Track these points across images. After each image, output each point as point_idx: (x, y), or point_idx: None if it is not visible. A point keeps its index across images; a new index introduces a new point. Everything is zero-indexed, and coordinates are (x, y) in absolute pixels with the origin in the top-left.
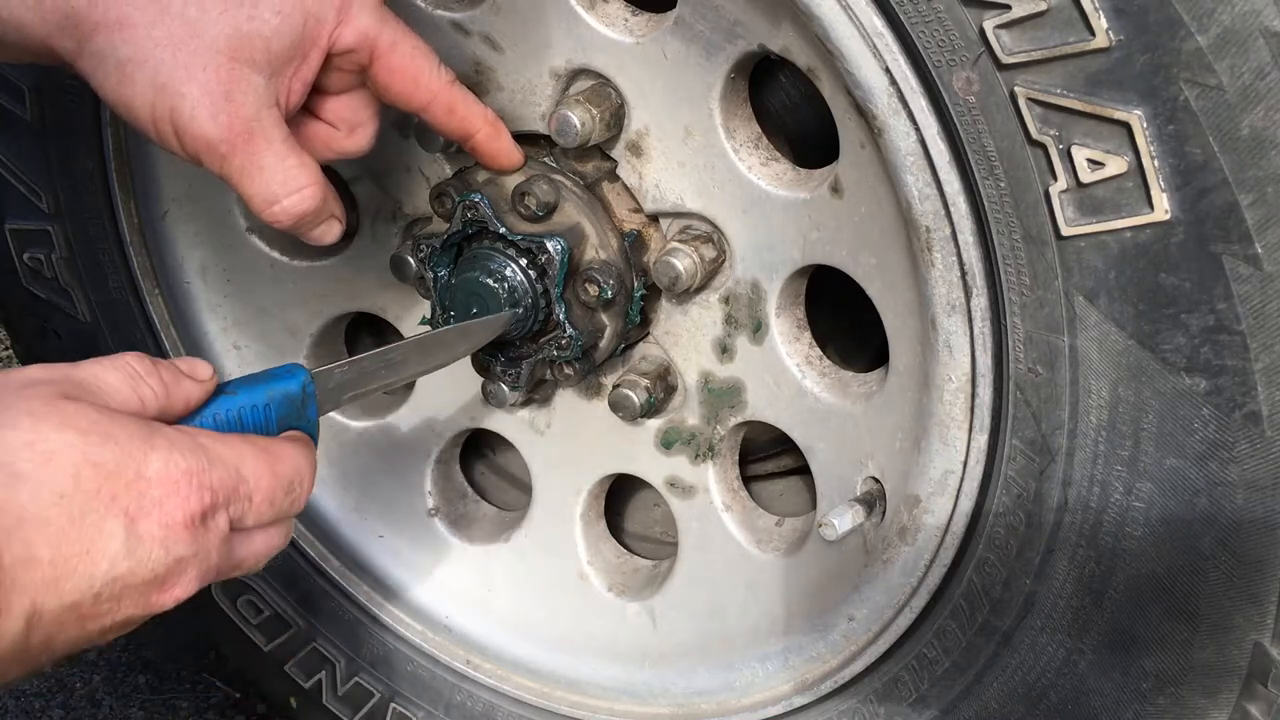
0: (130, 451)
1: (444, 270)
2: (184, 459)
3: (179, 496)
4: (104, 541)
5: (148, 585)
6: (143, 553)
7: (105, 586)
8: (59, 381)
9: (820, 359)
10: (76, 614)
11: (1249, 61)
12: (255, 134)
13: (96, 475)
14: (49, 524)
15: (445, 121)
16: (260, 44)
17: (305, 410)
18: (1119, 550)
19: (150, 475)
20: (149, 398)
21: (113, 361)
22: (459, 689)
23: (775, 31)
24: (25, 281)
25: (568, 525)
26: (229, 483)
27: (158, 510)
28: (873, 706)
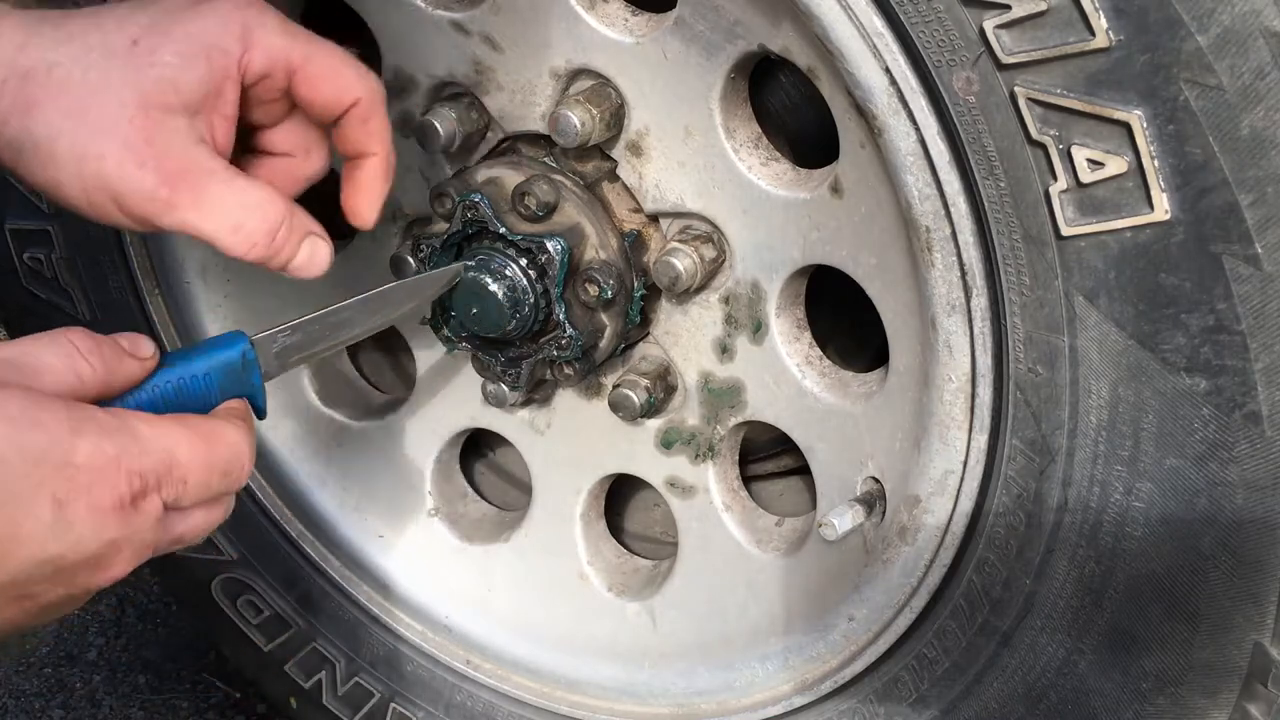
0: (58, 438)
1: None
2: (112, 445)
3: (107, 483)
4: (32, 525)
5: (78, 567)
6: (72, 536)
7: (36, 568)
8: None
9: (820, 359)
10: (7, 595)
11: (1249, 61)
12: (190, 169)
13: (24, 461)
14: None
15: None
16: (168, 88)
17: (249, 377)
18: (1119, 550)
19: (78, 462)
20: (87, 375)
21: (52, 338)
22: (459, 689)
23: (775, 31)
24: (25, 281)
25: (568, 525)
26: (160, 467)
27: (86, 495)
28: (873, 706)
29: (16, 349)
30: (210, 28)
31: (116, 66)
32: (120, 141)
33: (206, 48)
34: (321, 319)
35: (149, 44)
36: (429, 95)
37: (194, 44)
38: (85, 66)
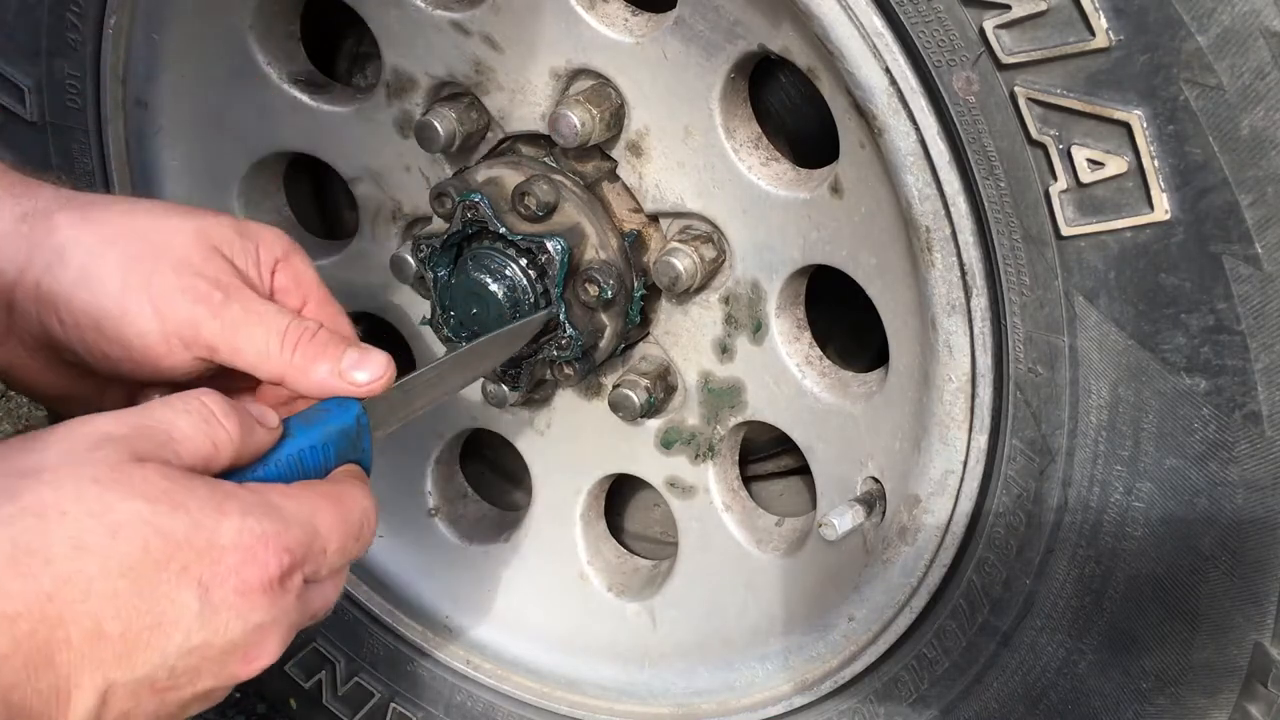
0: (201, 520)
1: (444, 270)
2: (258, 523)
3: (256, 563)
4: (176, 612)
5: (226, 655)
6: (218, 622)
7: (180, 659)
8: (129, 438)
9: (820, 359)
10: (151, 688)
11: (1249, 61)
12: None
13: (166, 545)
14: (117, 596)
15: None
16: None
17: (360, 442)
18: (1119, 550)
19: (224, 543)
20: (223, 442)
21: (185, 404)
22: (459, 689)
23: (775, 31)
24: None
25: (568, 525)
26: (305, 540)
27: (234, 578)
28: (873, 706)
29: (150, 416)
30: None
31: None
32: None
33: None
34: (419, 378)
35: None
36: (429, 95)
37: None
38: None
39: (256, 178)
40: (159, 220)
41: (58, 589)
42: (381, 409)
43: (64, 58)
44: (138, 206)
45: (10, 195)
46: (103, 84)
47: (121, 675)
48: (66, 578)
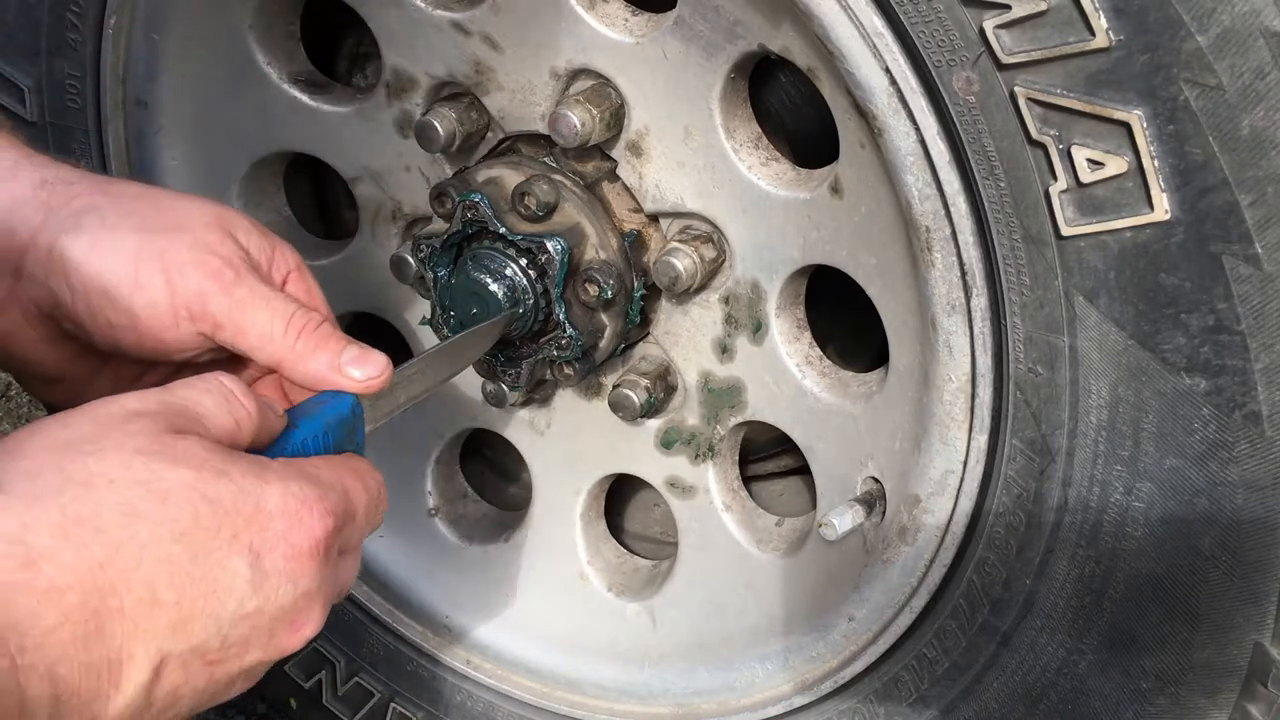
0: (246, 487)
1: (444, 270)
2: (301, 489)
3: (302, 527)
4: (229, 579)
5: (275, 623)
6: (270, 588)
7: (233, 627)
8: (161, 413)
9: (820, 359)
10: (203, 659)
11: (1249, 61)
12: (220, 289)
13: (216, 512)
14: (171, 562)
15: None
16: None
17: (355, 434)
18: (1119, 550)
19: (271, 509)
20: (245, 421)
21: (205, 384)
22: (459, 689)
23: (775, 31)
24: None
25: (568, 525)
26: (342, 505)
27: (283, 543)
28: (873, 706)
29: (174, 394)
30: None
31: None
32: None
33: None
34: (406, 373)
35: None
36: (429, 95)
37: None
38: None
39: (256, 178)
40: (178, 200)
41: (110, 556)
42: (374, 404)
43: (64, 58)
44: (158, 188)
45: (31, 163)
46: (103, 84)
47: (175, 645)
48: (119, 544)
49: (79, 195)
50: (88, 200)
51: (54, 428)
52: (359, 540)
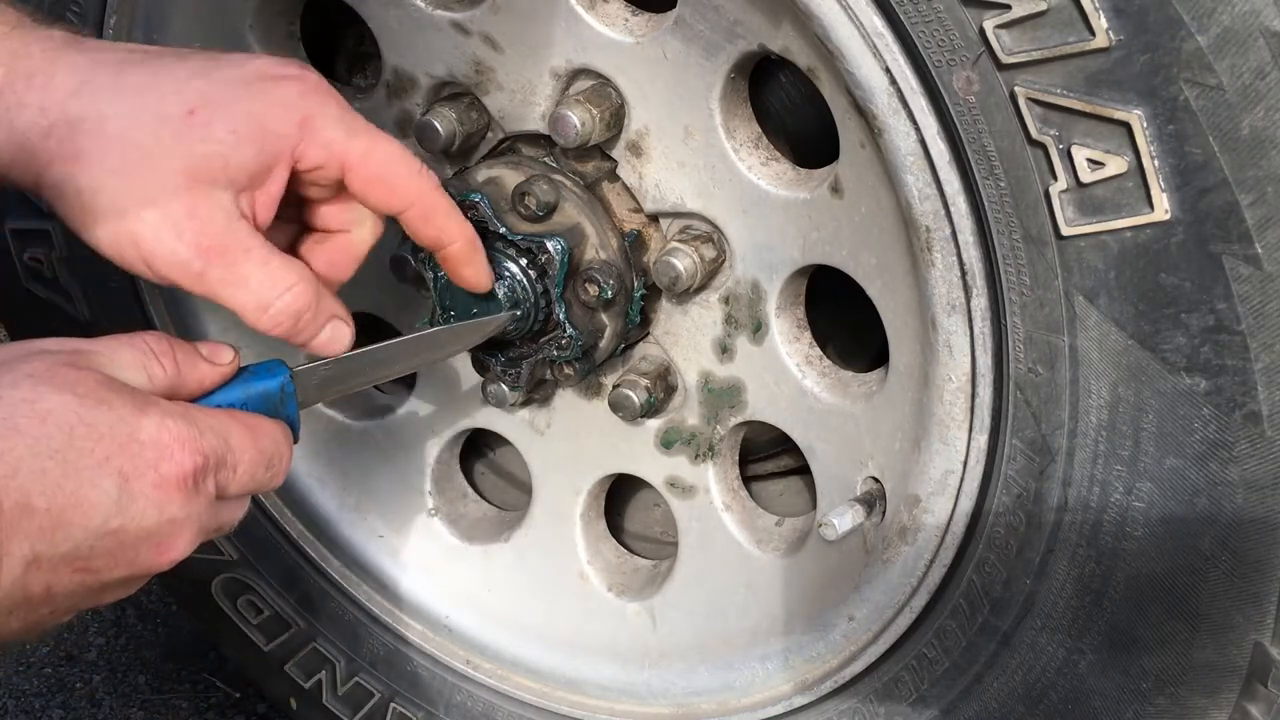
0: (124, 415)
1: (443, 270)
2: (176, 425)
3: (172, 460)
4: (97, 496)
5: (140, 543)
6: (135, 510)
7: (99, 540)
8: (66, 352)
9: (820, 359)
10: (71, 565)
11: (1249, 61)
12: (229, 246)
13: (90, 435)
14: (45, 475)
15: (420, 230)
16: (218, 163)
17: (284, 408)
18: (1119, 550)
19: (144, 438)
20: (158, 375)
21: (130, 339)
22: (459, 689)
23: (775, 31)
24: (25, 281)
25: (568, 525)
26: (218, 450)
27: (151, 471)
28: (873, 706)
29: (93, 344)
30: (270, 111)
31: (168, 133)
32: (161, 211)
33: (262, 131)
34: (364, 356)
35: (205, 116)
36: (429, 95)
37: (251, 125)
38: (137, 127)
39: None
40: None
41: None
42: (313, 379)
43: None
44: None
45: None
46: None
47: (46, 549)
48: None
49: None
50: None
51: None
52: (241, 489)
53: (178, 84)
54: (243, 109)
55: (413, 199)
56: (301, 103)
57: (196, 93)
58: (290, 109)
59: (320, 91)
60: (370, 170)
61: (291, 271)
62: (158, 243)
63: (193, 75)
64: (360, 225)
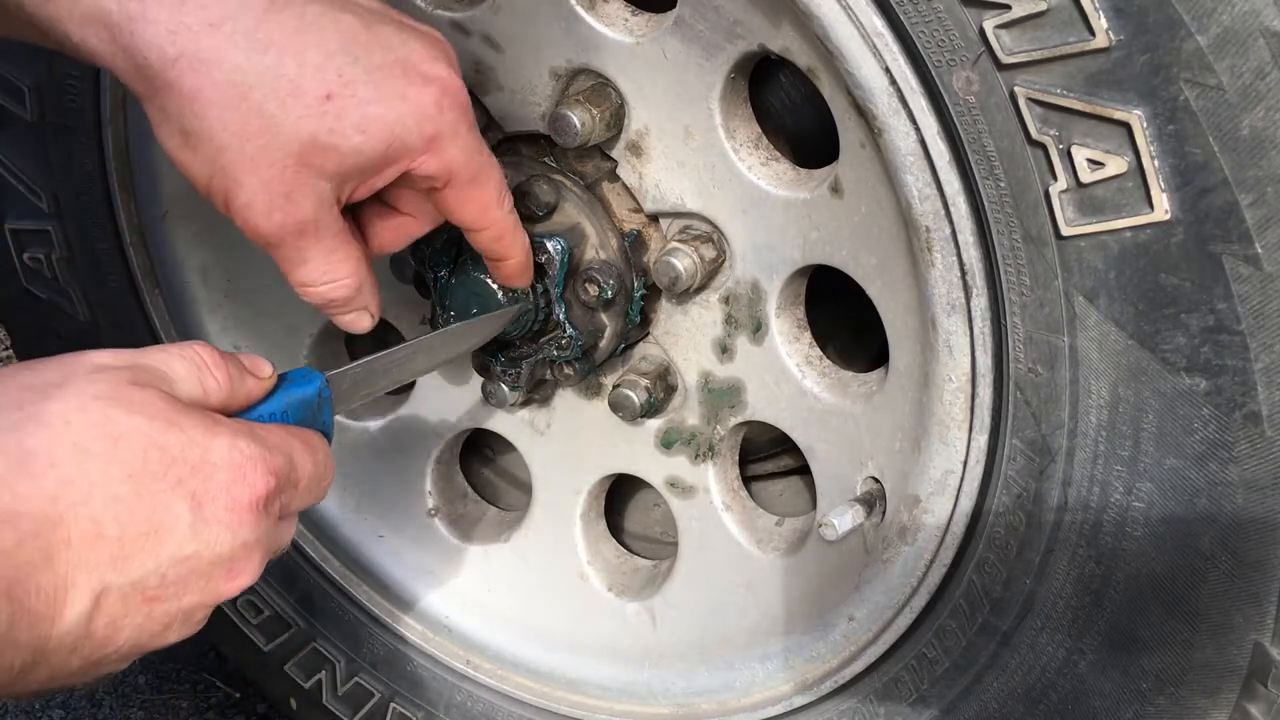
0: (195, 438)
1: (444, 270)
2: (248, 446)
3: (245, 481)
4: (171, 521)
5: (213, 568)
6: (209, 535)
7: (171, 567)
8: (127, 368)
9: (820, 359)
10: (141, 595)
11: (1249, 61)
12: (308, 230)
13: (163, 458)
14: (117, 501)
15: (489, 245)
16: (334, 156)
17: (320, 414)
18: (1119, 550)
19: (216, 460)
20: (212, 389)
21: (180, 350)
22: (459, 689)
23: (775, 31)
24: (25, 281)
25: (568, 525)
26: (285, 468)
27: (224, 494)
28: (873, 706)
29: (146, 356)
30: (405, 120)
31: (298, 110)
32: (262, 182)
33: (390, 138)
34: (386, 358)
35: (339, 106)
36: None
37: (381, 129)
38: (270, 93)
39: None
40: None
41: (61, 490)
42: (344, 384)
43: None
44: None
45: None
46: (102, 84)
47: (115, 579)
48: (69, 480)
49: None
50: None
51: (24, 373)
52: (299, 507)
53: (324, 54)
54: (377, 110)
55: (493, 223)
56: (438, 117)
57: (338, 75)
58: (425, 121)
59: (456, 106)
60: (471, 193)
61: (344, 267)
62: (246, 209)
63: (342, 48)
64: (424, 214)
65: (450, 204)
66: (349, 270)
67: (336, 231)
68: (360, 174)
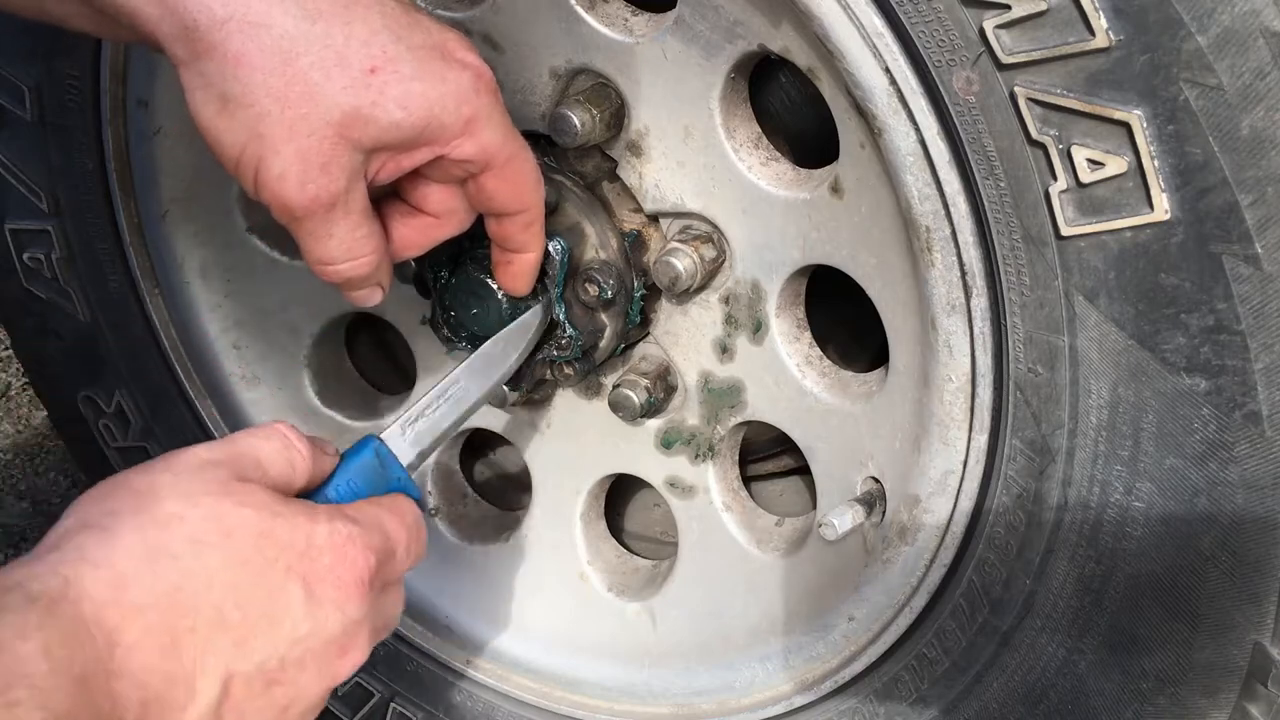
0: (298, 525)
1: (444, 270)
2: (344, 526)
3: (348, 561)
4: (286, 603)
5: (327, 647)
6: (321, 615)
7: (289, 648)
8: (228, 462)
9: (820, 359)
10: (264, 678)
11: (1249, 61)
12: (336, 204)
13: (273, 546)
14: (236, 588)
15: (516, 233)
16: (374, 129)
17: (389, 471)
18: (1119, 550)
19: (319, 544)
20: (298, 464)
21: (266, 433)
22: (459, 689)
23: (775, 31)
24: (25, 281)
25: (568, 525)
26: (381, 542)
27: (331, 575)
28: (873, 706)
29: (241, 445)
30: (444, 100)
31: (342, 81)
32: (298, 151)
33: (429, 115)
34: (436, 397)
35: (382, 80)
36: None
37: (422, 105)
38: (316, 62)
39: None
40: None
41: (184, 581)
42: (401, 437)
43: (64, 58)
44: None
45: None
46: (102, 84)
47: (240, 664)
48: (191, 571)
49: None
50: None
51: (136, 476)
52: (401, 574)
53: (369, 30)
54: (419, 87)
55: (529, 204)
56: (475, 99)
57: (382, 50)
58: (463, 102)
59: (490, 90)
60: (508, 174)
61: (368, 244)
62: (279, 181)
63: (385, 25)
64: (449, 217)
65: (488, 189)
66: (371, 247)
67: (363, 208)
68: (395, 150)
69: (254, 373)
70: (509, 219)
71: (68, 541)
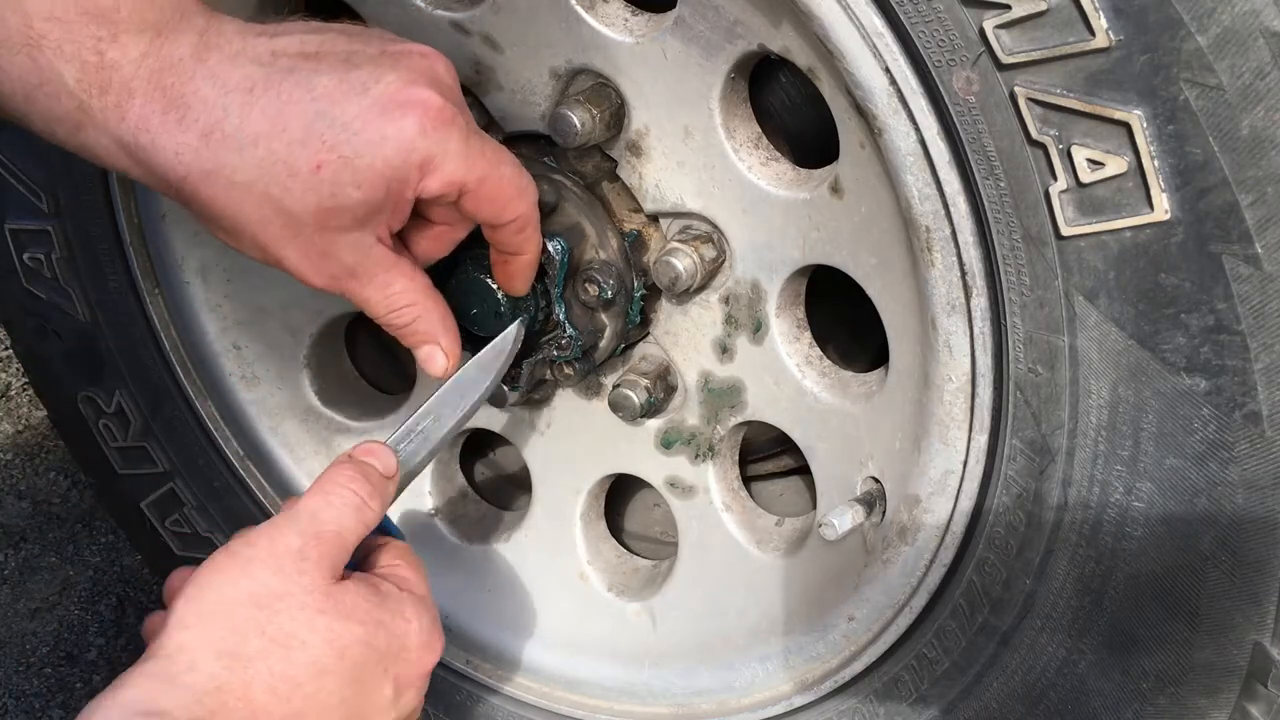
0: (396, 633)
1: (443, 270)
2: (431, 623)
3: (432, 651)
4: (377, 701)
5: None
6: (403, 703)
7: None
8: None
9: (820, 359)
10: None
11: (1249, 61)
12: (359, 273)
13: (374, 656)
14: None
15: (509, 239)
16: (346, 215)
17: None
18: (1119, 550)
19: (410, 644)
20: (371, 521)
21: (341, 499)
22: (459, 689)
23: (775, 31)
24: (25, 281)
25: (568, 525)
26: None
27: (417, 667)
28: (873, 706)
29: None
30: (391, 160)
31: (298, 187)
32: (299, 249)
33: (385, 181)
34: (420, 418)
35: (331, 173)
36: None
37: (372, 177)
38: (268, 181)
39: None
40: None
41: (306, 707)
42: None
43: None
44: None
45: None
46: None
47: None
48: (312, 695)
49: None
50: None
51: (239, 576)
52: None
53: (304, 127)
54: (365, 160)
55: (515, 215)
56: (423, 141)
57: (321, 141)
58: (410, 150)
59: (441, 123)
60: (484, 194)
61: (405, 295)
62: (298, 271)
63: (319, 114)
64: (457, 220)
65: (469, 209)
66: (408, 300)
67: (388, 267)
68: (377, 216)
69: (254, 373)
70: (502, 228)
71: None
